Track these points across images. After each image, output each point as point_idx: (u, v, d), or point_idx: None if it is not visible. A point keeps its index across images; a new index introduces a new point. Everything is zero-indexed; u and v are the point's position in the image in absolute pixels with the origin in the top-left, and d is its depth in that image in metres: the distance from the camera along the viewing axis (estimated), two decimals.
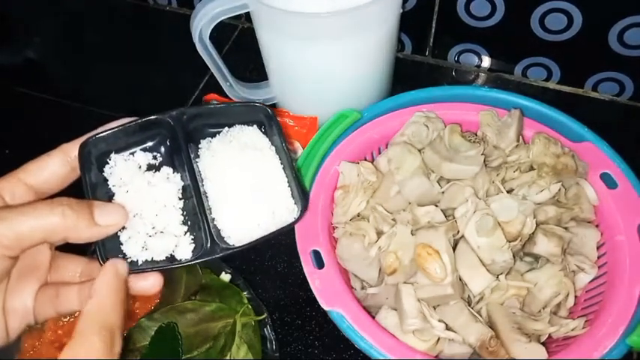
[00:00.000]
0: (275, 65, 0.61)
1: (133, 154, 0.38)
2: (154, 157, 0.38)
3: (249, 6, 0.55)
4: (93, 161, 0.36)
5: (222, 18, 0.55)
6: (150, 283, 0.34)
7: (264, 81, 0.65)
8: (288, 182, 0.38)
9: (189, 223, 0.37)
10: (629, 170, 0.49)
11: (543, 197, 0.49)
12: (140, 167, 0.37)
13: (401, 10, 0.58)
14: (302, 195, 0.37)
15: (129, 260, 0.34)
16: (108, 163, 0.37)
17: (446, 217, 0.49)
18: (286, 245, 0.59)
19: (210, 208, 0.37)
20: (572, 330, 0.44)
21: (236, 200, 0.37)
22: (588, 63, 0.68)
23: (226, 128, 0.40)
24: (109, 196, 0.36)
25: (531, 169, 0.51)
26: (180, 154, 0.38)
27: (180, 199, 0.37)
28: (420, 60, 0.76)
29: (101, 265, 0.33)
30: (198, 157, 0.39)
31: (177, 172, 0.38)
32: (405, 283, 0.46)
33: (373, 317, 0.45)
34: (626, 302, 0.43)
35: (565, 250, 0.48)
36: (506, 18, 0.66)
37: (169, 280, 0.54)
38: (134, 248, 0.34)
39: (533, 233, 0.47)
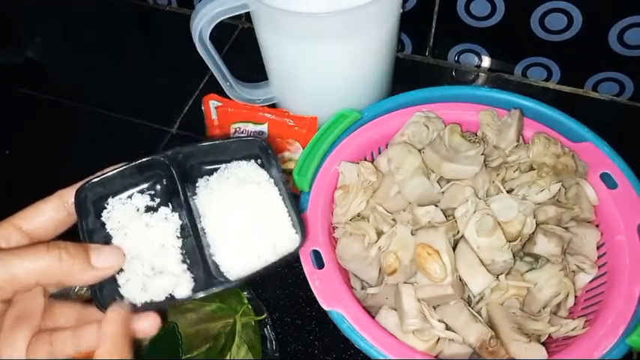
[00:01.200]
0: (275, 65, 0.61)
1: (130, 197, 0.38)
2: (152, 199, 0.38)
3: (249, 6, 0.54)
4: (89, 207, 0.36)
5: (222, 18, 0.55)
6: (149, 325, 0.33)
7: (264, 81, 0.65)
8: (288, 212, 0.38)
9: (188, 261, 0.36)
10: (629, 170, 0.49)
11: (543, 197, 0.49)
12: (138, 210, 0.38)
13: (401, 10, 0.58)
14: (301, 223, 0.37)
15: (127, 303, 0.34)
16: (105, 208, 0.37)
17: (446, 217, 0.49)
18: None
19: (209, 245, 0.37)
20: (572, 330, 0.44)
21: (234, 235, 0.37)
22: (588, 63, 0.68)
23: (223, 165, 0.40)
24: (107, 241, 0.36)
25: (531, 169, 0.51)
26: (177, 193, 0.38)
27: (178, 237, 0.37)
28: (420, 60, 0.76)
29: (100, 310, 0.33)
30: (195, 194, 0.39)
31: (175, 212, 0.38)
32: (405, 283, 0.46)
33: (373, 317, 0.45)
34: (626, 302, 0.43)
35: (565, 250, 0.48)
36: (506, 18, 0.66)
37: None
38: (133, 290, 0.34)
39: (533, 233, 0.47)
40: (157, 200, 0.38)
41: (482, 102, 0.56)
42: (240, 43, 0.80)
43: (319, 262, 0.46)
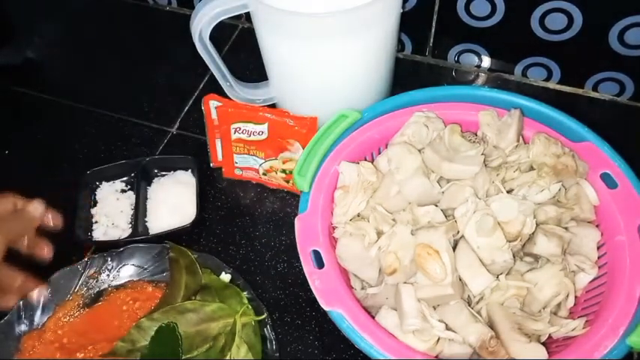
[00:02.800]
0: (275, 65, 0.61)
1: (114, 181, 0.65)
2: (126, 184, 0.65)
3: (249, 6, 0.55)
4: (88, 183, 0.64)
5: (222, 18, 0.55)
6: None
7: (264, 81, 0.65)
8: (196, 203, 0.61)
9: (132, 222, 0.61)
10: (629, 170, 0.49)
11: (543, 197, 0.49)
12: (115, 190, 0.64)
13: (401, 10, 0.58)
14: (198, 210, 0.60)
15: (94, 240, 0.60)
16: (99, 187, 0.65)
17: (446, 217, 0.49)
18: (286, 245, 0.59)
19: (145, 215, 0.62)
20: (573, 330, 0.44)
21: (161, 211, 0.62)
22: (588, 63, 0.68)
23: (172, 171, 0.65)
24: (94, 204, 0.64)
25: (531, 169, 0.51)
26: (138, 184, 0.64)
27: (131, 209, 0.63)
28: (420, 60, 0.76)
29: (78, 241, 0.59)
30: (150, 186, 0.64)
31: (134, 194, 0.63)
32: (405, 283, 0.46)
33: (373, 317, 0.45)
34: (626, 302, 0.43)
35: (565, 250, 0.48)
36: (506, 18, 0.66)
37: (170, 281, 0.54)
38: (98, 233, 0.61)
39: (533, 233, 0.47)
40: (128, 187, 0.65)
41: (482, 102, 0.56)
42: (240, 43, 0.80)
43: (319, 262, 0.46)
